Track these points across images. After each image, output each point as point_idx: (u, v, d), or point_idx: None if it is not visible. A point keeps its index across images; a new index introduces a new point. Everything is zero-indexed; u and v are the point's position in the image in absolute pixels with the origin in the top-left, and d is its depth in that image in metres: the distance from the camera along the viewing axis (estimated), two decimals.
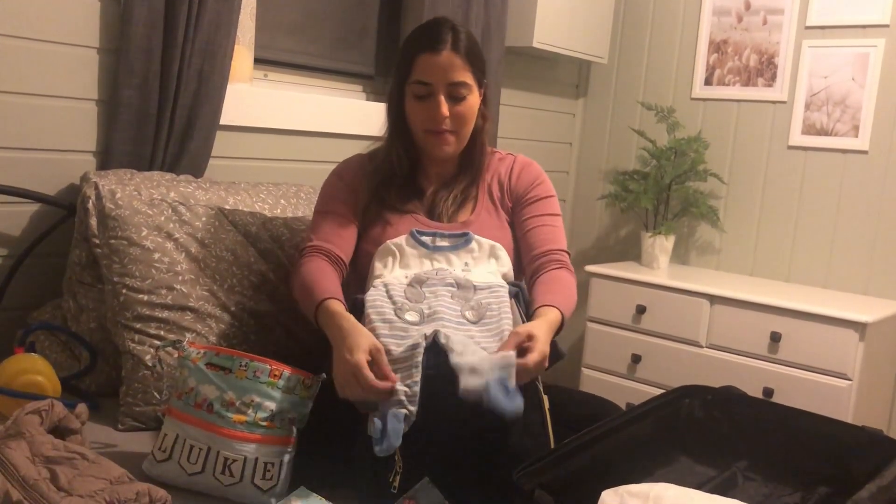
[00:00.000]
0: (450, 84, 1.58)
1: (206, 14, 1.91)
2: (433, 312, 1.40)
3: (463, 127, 1.63)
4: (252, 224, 1.81)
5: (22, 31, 1.73)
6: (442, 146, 1.63)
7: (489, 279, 1.51)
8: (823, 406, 2.30)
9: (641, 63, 3.22)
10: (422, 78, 1.59)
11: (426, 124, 1.61)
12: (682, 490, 1.17)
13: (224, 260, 1.72)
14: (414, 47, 1.61)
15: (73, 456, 1.21)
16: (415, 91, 1.60)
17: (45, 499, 1.10)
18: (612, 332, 2.82)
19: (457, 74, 1.59)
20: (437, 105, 1.58)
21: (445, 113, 1.59)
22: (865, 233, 2.75)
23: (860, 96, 2.73)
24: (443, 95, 1.58)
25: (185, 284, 1.64)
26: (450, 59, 1.58)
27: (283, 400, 1.34)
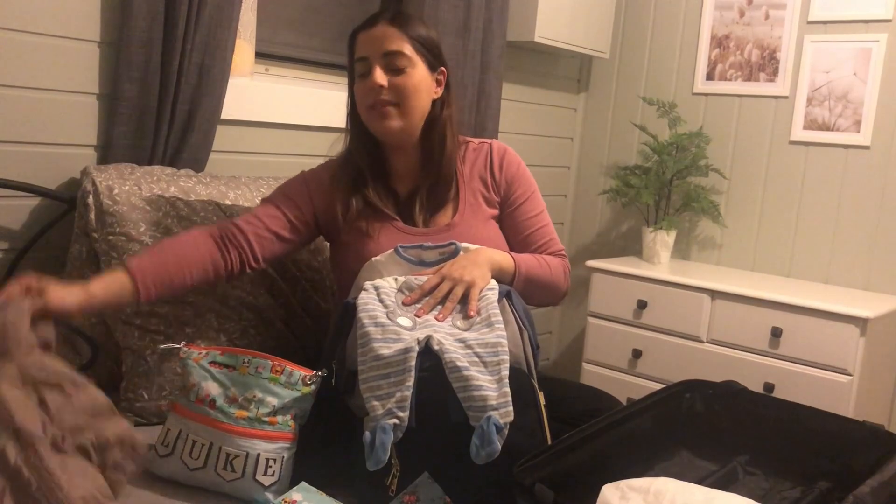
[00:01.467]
0: (385, 54, 1.56)
1: (207, 8, 1.91)
2: (425, 318, 1.40)
3: (405, 100, 1.57)
4: None
5: (22, 25, 1.73)
6: (382, 120, 1.58)
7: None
8: (824, 401, 2.30)
9: (643, 58, 3.21)
10: (358, 54, 1.59)
11: (367, 98, 1.58)
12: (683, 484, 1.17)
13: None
14: (354, 30, 1.63)
15: (61, 380, 1.16)
16: (357, 71, 1.60)
17: (46, 471, 1.06)
18: (613, 327, 2.82)
19: (391, 44, 1.56)
20: (371, 74, 1.56)
21: (379, 81, 1.55)
22: (867, 228, 2.74)
23: (862, 91, 2.72)
24: (378, 66, 1.56)
25: None
26: (383, 31, 1.57)
27: (285, 396, 1.34)
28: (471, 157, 1.71)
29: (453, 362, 1.30)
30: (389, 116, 1.58)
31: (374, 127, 1.61)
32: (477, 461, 1.23)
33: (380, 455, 1.22)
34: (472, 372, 1.30)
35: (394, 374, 1.30)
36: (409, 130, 1.62)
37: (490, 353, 1.33)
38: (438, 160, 1.64)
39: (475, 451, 1.23)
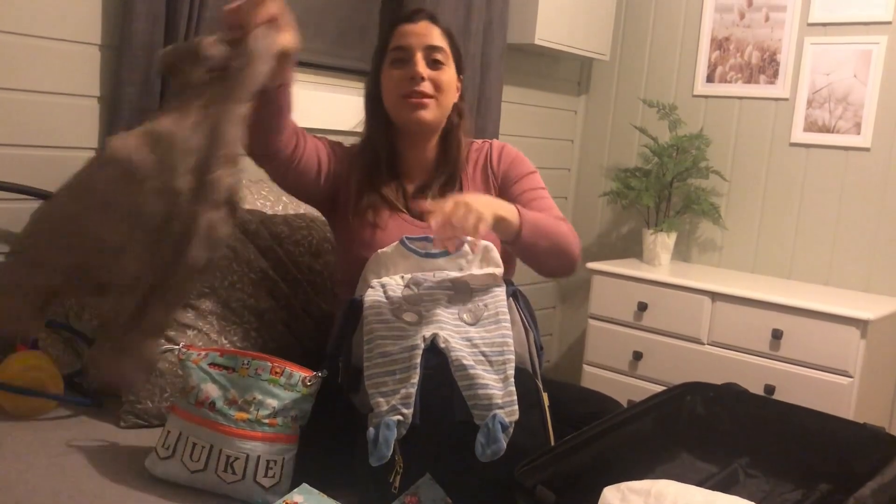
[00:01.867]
0: (427, 47, 1.61)
1: (208, 10, 1.91)
2: (431, 314, 1.40)
3: (441, 94, 1.62)
4: (252, 221, 1.81)
5: (23, 28, 1.73)
6: (419, 110, 1.60)
7: (486, 280, 1.50)
8: (825, 403, 2.30)
9: (643, 60, 3.22)
10: (399, 43, 1.62)
11: (403, 87, 1.60)
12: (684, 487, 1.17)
13: (224, 257, 1.72)
14: (391, 22, 1.66)
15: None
16: (393, 58, 1.62)
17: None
18: (614, 329, 2.82)
19: (435, 39, 1.62)
20: (415, 64, 1.59)
21: (422, 71, 1.59)
22: (867, 230, 2.75)
23: (862, 93, 2.72)
24: (420, 57, 1.60)
25: None
26: (427, 27, 1.62)
27: (286, 397, 1.34)
28: (473, 157, 1.75)
29: (459, 360, 1.31)
30: (425, 107, 1.61)
31: (405, 116, 1.63)
32: (482, 459, 1.24)
33: (383, 450, 1.23)
34: (477, 370, 1.31)
35: (399, 370, 1.31)
36: (436, 125, 1.66)
37: (496, 352, 1.35)
38: (454, 160, 1.68)
39: (480, 450, 1.24)
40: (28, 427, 1.49)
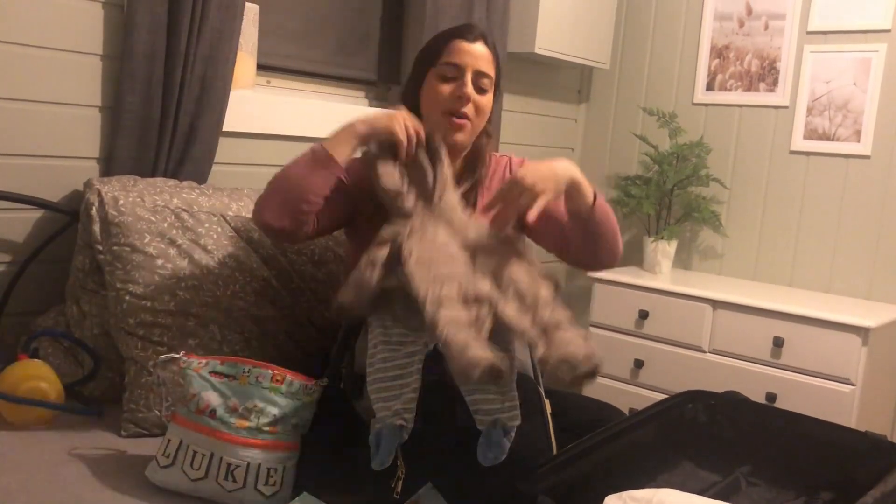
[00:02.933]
0: (479, 72, 1.61)
1: (209, 21, 1.92)
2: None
3: (479, 119, 1.64)
4: (255, 230, 1.81)
5: (25, 39, 1.74)
6: (457, 131, 1.62)
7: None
8: (826, 411, 2.30)
9: (643, 68, 3.22)
10: (453, 59, 1.61)
11: (447, 104, 1.60)
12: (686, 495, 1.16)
13: (227, 266, 1.72)
14: (448, 35, 1.65)
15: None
16: (442, 72, 1.62)
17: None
18: (615, 337, 2.82)
19: (486, 65, 1.62)
20: (464, 84, 1.60)
21: (471, 93, 1.60)
22: (868, 237, 2.75)
23: (862, 101, 2.73)
24: (470, 78, 1.61)
25: (188, 291, 1.65)
26: (483, 50, 1.63)
27: (286, 405, 1.34)
28: (492, 168, 1.77)
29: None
30: (463, 129, 1.62)
31: (447, 133, 1.63)
32: (484, 464, 1.24)
33: (384, 455, 1.23)
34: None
35: (401, 376, 1.31)
36: (465, 147, 1.68)
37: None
38: (477, 176, 1.70)
39: (482, 454, 1.24)
40: (29, 436, 1.48)
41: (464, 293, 1.30)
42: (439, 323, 1.23)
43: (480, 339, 1.24)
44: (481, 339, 1.24)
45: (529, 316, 1.32)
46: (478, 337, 1.24)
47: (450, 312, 1.25)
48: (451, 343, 1.21)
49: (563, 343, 1.29)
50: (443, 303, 1.26)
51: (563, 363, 1.26)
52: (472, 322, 1.26)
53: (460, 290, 1.30)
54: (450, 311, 1.25)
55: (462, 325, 1.24)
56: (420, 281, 1.29)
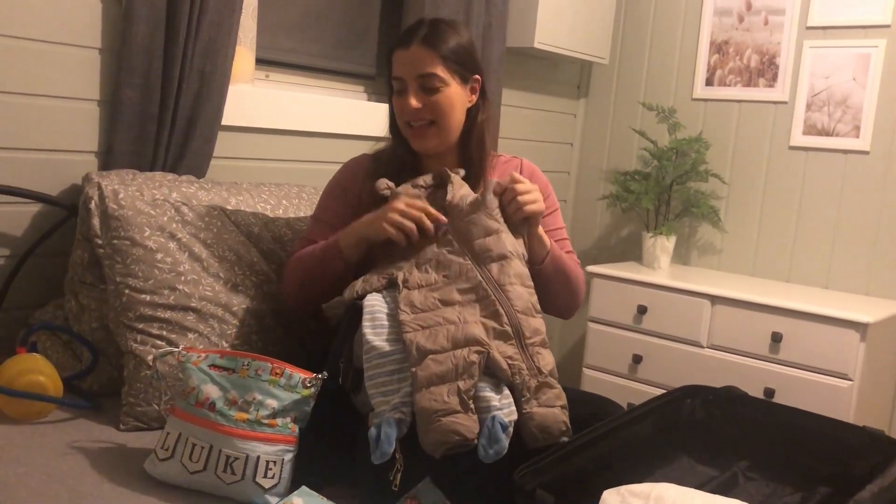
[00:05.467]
0: (419, 76, 1.60)
1: (208, 14, 1.92)
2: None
3: (442, 118, 1.62)
4: (254, 224, 1.81)
5: (23, 32, 1.74)
6: (419, 139, 1.63)
7: None
8: (824, 406, 2.30)
9: (642, 63, 3.22)
10: (395, 73, 1.63)
11: (404, 116, 1.64)
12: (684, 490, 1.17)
13: (226, 260, 1.72)
14: (392, 46, 1.66)
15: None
16: (394, 87, 1.64)
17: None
18: (614, 332, 2.83)
19: (425, 67, 1.59)
20: (408, 97, 1.60)
21: (413, 105, 1.60)
22: (866, 233, 2.75)
23: (861, 97, 2.73)
24: (413, 89, 1.60)
25: (188, 285, 1.65)
26: (418, 53, 1.60)
27: (286, 398, 1.34)
28: (500, 169, 1.75)
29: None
30: (426, 136, 1.63)
31: (411, 143, 1.66)
32: (485, 461, 1.24)
33: (384, 448, 1.24)
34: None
35: (398, 370, 1.32)
36: (446, 144, 1.66)
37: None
38: (477, 158, 1.68)
39: (483, 451, 1.25)
40: (28, 430, 1.49)
41: (454, 338, 1.34)
42: (421, 405, 1.28)
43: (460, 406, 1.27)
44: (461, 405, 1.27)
45: (523, 362, 1.36)
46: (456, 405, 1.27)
47: (431, 395, 1.28)
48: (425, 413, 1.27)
49: (546, 407, 1.34)
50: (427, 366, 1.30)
51: (542, 432, 1.32)
52: (458, 371, 1.30)
53: (449, 337, 1.34)
54: (433, 388, 1.29)
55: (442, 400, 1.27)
56: (406, 335, 1.35)
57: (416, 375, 1.30)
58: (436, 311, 1.39)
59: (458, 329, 1.35)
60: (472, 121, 1.68)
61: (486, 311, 1.40)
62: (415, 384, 1.29)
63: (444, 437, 1.24)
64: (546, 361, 1.38)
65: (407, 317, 1.37)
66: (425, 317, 1.38)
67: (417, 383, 1.29)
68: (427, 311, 1.39)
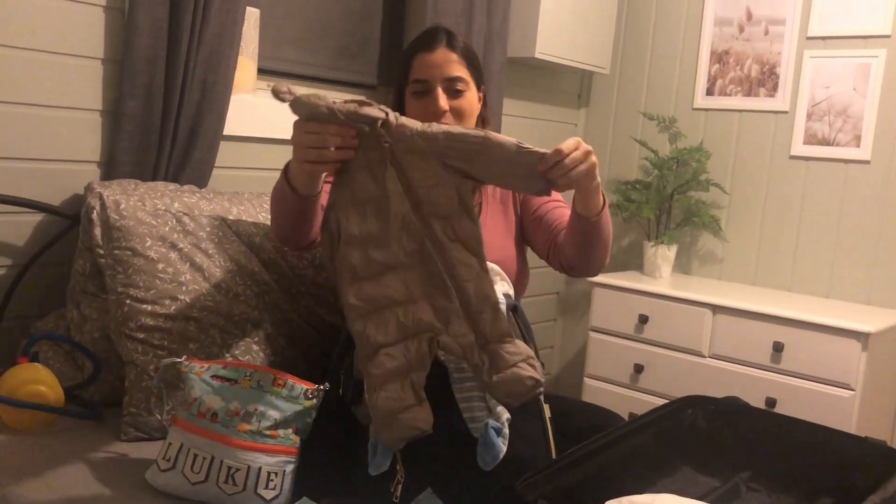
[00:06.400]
0: (446, 79, 1.60)
1: (210, 25, 1.92)
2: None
3: (465, 120, 1.63)
4: (256, 234, 1.81)
5: (26, 42, 1.74)
6: None
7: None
8: (826, 416, 2.30)
9: (643, 73, 3.23)
10: (419, 76, 1.62)
11: (425, 119, 1.61)
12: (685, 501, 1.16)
13: (228, 270, 1.73)
14: (410, 50, 1.65)
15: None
16: (413, 90, 1.63)
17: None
18: (615, 341, 2.82)
19: (453, 69, 1.61)
20: (436, 99, 1.60)
21: (444, 106, 1.59)
22: (868, 242, 2.75)
23: (862, 106, 2.73)
24: (441, 90, 1.60)
25: (189, 295, 1.65)
26: (445, 56, 1.61)
27: (287, 409, 1.34)
28: None
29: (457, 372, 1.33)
30: None
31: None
32: (485, 468, 1.24)
33: (383, 460, 1.24)
34: (473, 383, 1.33)
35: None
36: None
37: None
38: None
39: (482, 459, 1.25)
40: (29, 440, 1.48)
41: (403, 326, 1.26)
42: (379, 406, 1.23)
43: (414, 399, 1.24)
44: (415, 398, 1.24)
45: (473, 335, 1.27)
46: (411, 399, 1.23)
47: (387, 394, 1.23)
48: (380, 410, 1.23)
49: (507, 368, 1.24)
50: (381, 364, 1.24)
51: (511, 397, 1.25)
52: (411, 365, 1.25)
53: (399, 325, 1.26)
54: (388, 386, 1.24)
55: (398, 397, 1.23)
56: (355, 322, 1.27)
57: (369, 373, 1.24)
58: (379, 283, 1.27)
59: (406, 314, 1.27)
60: (481, 124, 1.69)
61: (432, 280, 1.28)
62: (369, 382, 1.24)
63: (403, 433, 1.22)
64: (493, 325, 1.27)
65: (350, 297, 1.27)
66: (370, 294, 1.27)
67: (372, 381, 1.23)
68: (369, 279, 1.28)
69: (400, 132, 1.29)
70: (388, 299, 1.27)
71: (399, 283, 1.27)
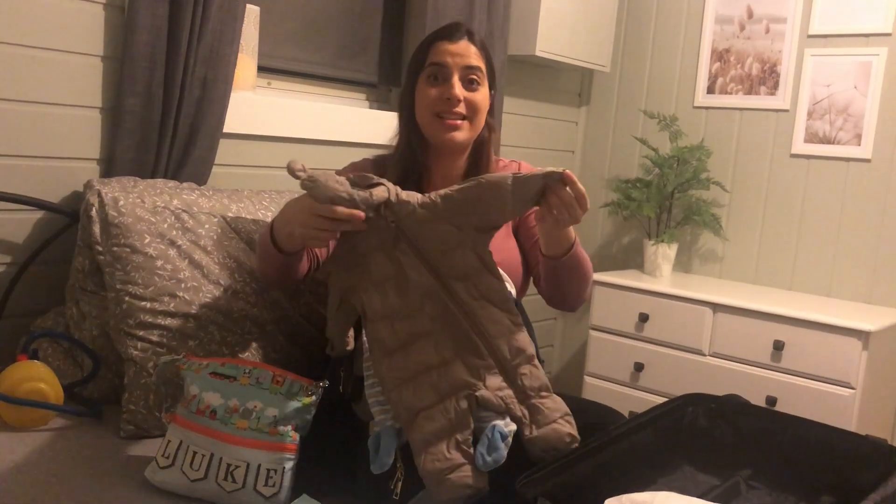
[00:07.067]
0: (465, 67, 1.60)
1: (210, 22, 1.92)
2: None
3: (475, 116, 1.62)
4: (255, 231, 1.81)
5: (26, 40, 1.74)
6: (452, 131, 1.60)
7: None
8: (827, 415, 2.30)
9: (644, 71, 3.22)
10: (437, 60, 1.60)
11: (437, 106, 1.60)
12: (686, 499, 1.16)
13: (227, 267, 1.72)
14: (431, 38, 1.65)
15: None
16: (430, 73, 1.61)
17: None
18: (615, 340, 2.82)
19: (472, 60, 1.61)
20: (452, 86, 1.58)
21: (460, 94, 1.58)
22: (868, 241, 2.75)
23: (863, 105, 2.73)
24: (458, 78, 1.59)
25: (188, 292, 1.65)
26: (467, 46, 1.61)
27: (287, 407, 1.34)
28: (500, 172, 1.74)
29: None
30: (459, 128, 1.61)
31: (438, 135, 1.62)
32: (483, 469, 1.24)
33: (384, 458, 1.23)
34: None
35: None
36: (467, 144, 1.66)
37: None
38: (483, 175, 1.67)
39: (481, 460, 1.24)
40: (28, 437, 1.48)
41: (438, 388, 1.26)
42: (426, 469, 1.22)
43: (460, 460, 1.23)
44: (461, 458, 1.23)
45: (511, 389, 1.29)
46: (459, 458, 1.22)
47: (433, 456, 1.23)
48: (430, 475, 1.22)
49: (547, 423, 1.29)
50: (421, 427, 1.24)
51: (549, 452, 1.28)
52: (453, 424, 1.24)
53: (434, 388, 1.26)
54: (431, 448, 1.23)
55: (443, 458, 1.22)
56: (391, 392, 1.28)
57: (412, 440, 1.24)
58: (410, 352, 1.29)
59: (440, 376, 1.27)
60: (485, 134, 1.68)
61: (462, 342, 1.29)
62: (414, 448, 1.24)
63: (457, 492, 1.21)
64: (532, 378, 1.31)
65: (383, 369, 1.29)
66: (402, 364, 1.29)
67: (416, 447, 1.24)
68: (400, 349, 1.29)
69: (403, 209, 1.32)
70: (421, 365, 1.28)
71: (430, 348, 1.29)
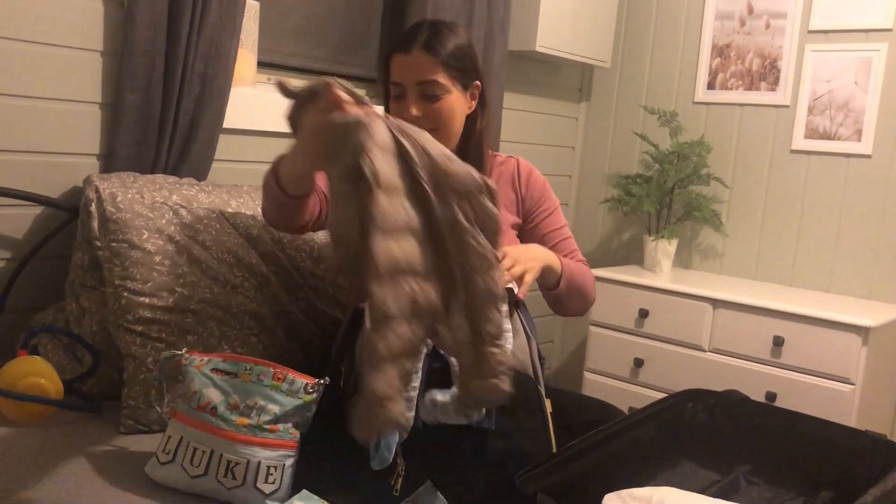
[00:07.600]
0: (420, 83, 1.56)
1: (210, 17, 1.92)
2: None
3: (443, 126, 1.58)
4: (254, 227, 1.81)
5: (25, 35, 1.74)
6: None
7: None
8: (826, 410, 2.30)
9: (644, 67, 3.22)
10: (394, 78, 1.59)
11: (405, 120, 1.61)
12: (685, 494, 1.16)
13: (226, 262, 1.72)
14: (390, 49, 1.62)
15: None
16: (392, 92, 1.61)
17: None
18: (615, 336, 2.82)
19: (426, 73, 1.56)
20: (407, 106, 1.57)
21: (414, 113, 1.56)
22: (869, 237, 2.74)
23: (863, 100, 2.72)
24: (413, 95, 1.57)
25: (187, 287, 1.65)
26: (419, 59, 1.56)
27: (287, 403, 1.34)
28: (497, 170, 1.75)
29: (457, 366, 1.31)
30: None
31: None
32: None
33: (384, 454, 1.24)
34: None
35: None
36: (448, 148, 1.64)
37: None
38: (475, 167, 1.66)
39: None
40: (28, 433, 1.48)
41: (415, 303, 1.14)
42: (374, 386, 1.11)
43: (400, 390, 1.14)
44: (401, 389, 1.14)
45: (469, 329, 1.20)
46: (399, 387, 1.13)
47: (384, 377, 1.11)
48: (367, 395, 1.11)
49: (491, 377, 1.20)
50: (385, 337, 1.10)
51: (479, 403, 1.27)
52: (407, 353, 1.14)
53: (411, 300, 1.14)
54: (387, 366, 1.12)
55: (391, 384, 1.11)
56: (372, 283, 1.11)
57: (374, 346, 1.09)
58: (401, 242, 1.14)
59: (421, 288, 1.14)
60: (471, 128, 1.66)
61: (440, 266, 1.19)
62: (372, 357, 1.10)
63: (383, 426, 1.11)
64: (492, 325, 1.20)
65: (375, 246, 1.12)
66: (393, 251, 1.14)
67: (374, 357, 1.09)
68: (393, 234, 1.14)
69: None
70: (407, 265, 1.15)
71: (415, 249, 1.15)
